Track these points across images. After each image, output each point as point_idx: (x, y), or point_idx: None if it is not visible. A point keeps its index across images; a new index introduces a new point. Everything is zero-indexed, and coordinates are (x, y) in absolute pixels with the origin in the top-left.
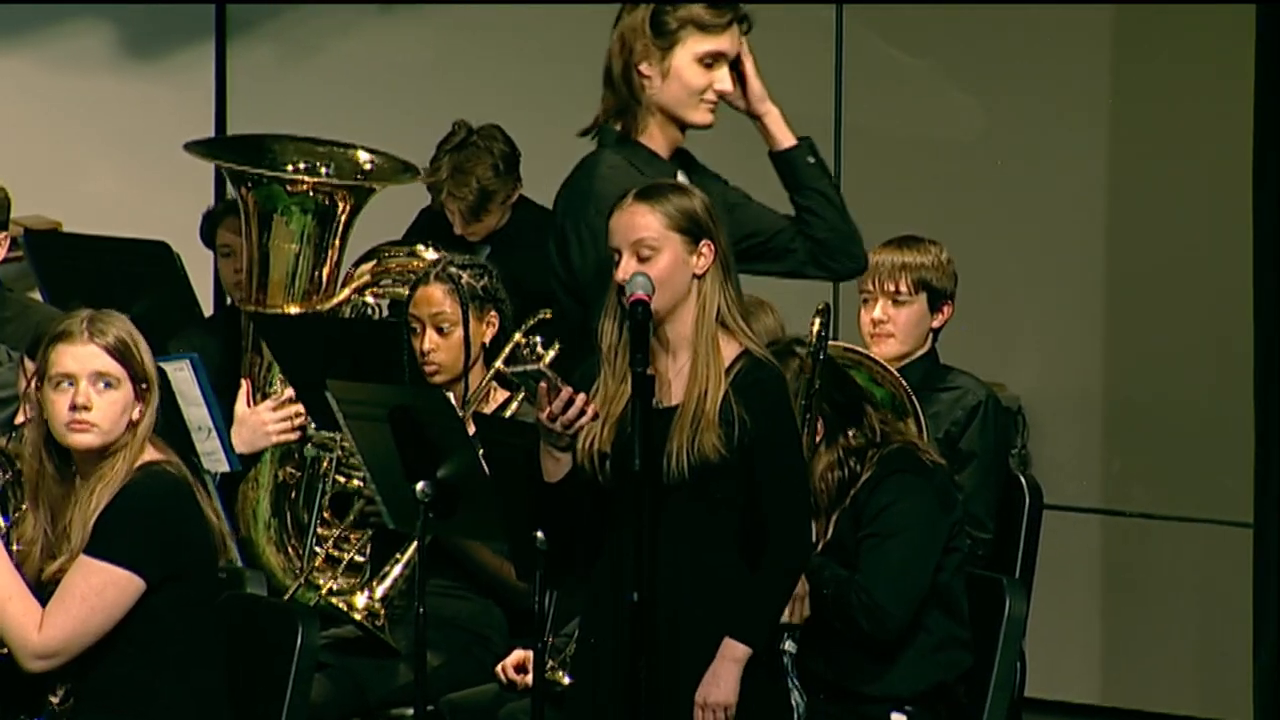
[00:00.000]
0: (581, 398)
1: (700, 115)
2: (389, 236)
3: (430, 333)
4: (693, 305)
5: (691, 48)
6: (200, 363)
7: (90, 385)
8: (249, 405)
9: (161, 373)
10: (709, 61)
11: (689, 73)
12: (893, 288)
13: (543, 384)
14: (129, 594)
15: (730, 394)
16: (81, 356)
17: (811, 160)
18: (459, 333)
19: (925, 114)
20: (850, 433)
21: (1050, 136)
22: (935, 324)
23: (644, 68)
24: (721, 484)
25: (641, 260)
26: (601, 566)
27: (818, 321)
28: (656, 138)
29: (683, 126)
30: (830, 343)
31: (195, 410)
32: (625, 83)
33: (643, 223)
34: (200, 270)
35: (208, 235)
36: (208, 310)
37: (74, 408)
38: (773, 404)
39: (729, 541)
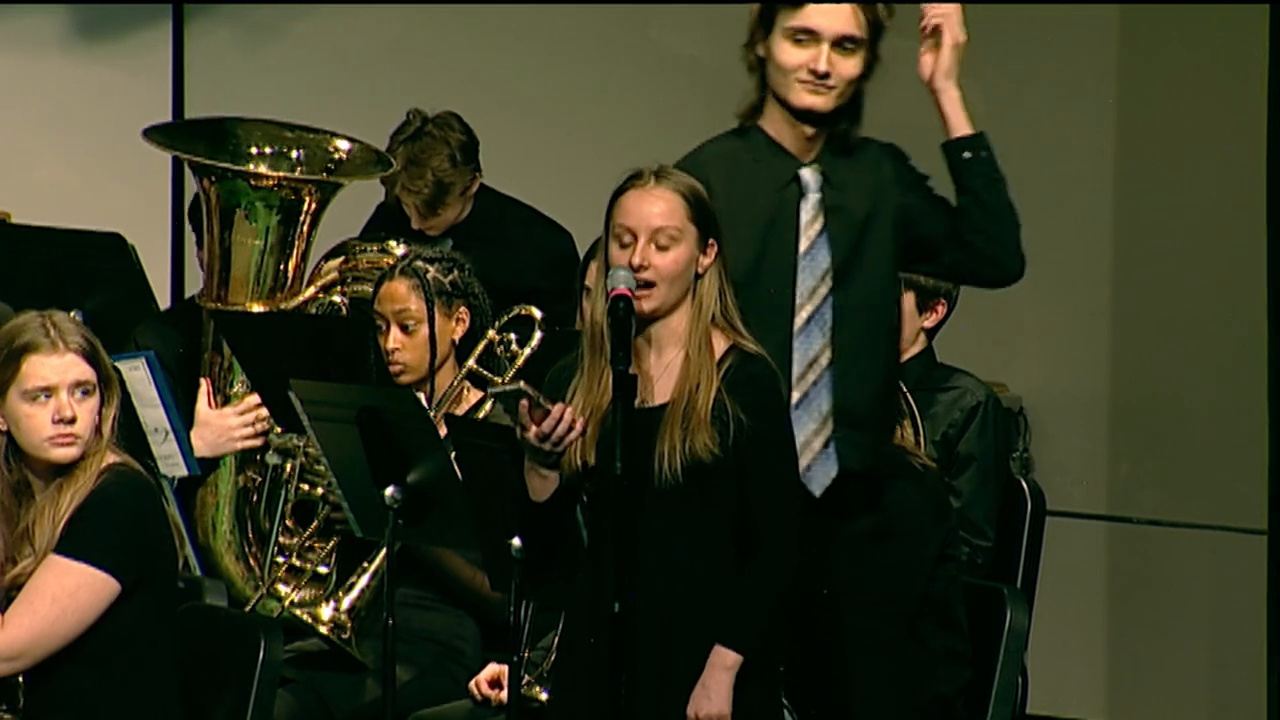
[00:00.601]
0: (569, 412)
1: (798, 96)
2: (347, 232)
3: (395, 331)
4: (688, 304)
5: (782, 23)
6: (157, 361)
7: (70, 396)
8: (211, 406)
9: (116, 371)
10: (800, 37)
11: (779, 49)
12: None
13: (524, 402)
14: (103, 597)
15: (723, 391)
16: (60, 367)
17: (968, 155)
18: (425, 331)
19: (918, 101)
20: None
21: (1053, 127)
22: (927, 323)
23: (759, 50)
24: (716, 486)
25: (659, 249)
26: (585, 575)
27: None
28: (780, 128)
29: (802, 116)
30: None
31: (151, 411)
32: (750, 68)
33: (669, 208)
34: (157, 263)
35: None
36: (164, 305)
37: (58, 420)
38: (765, 400)
39: (724, 547)
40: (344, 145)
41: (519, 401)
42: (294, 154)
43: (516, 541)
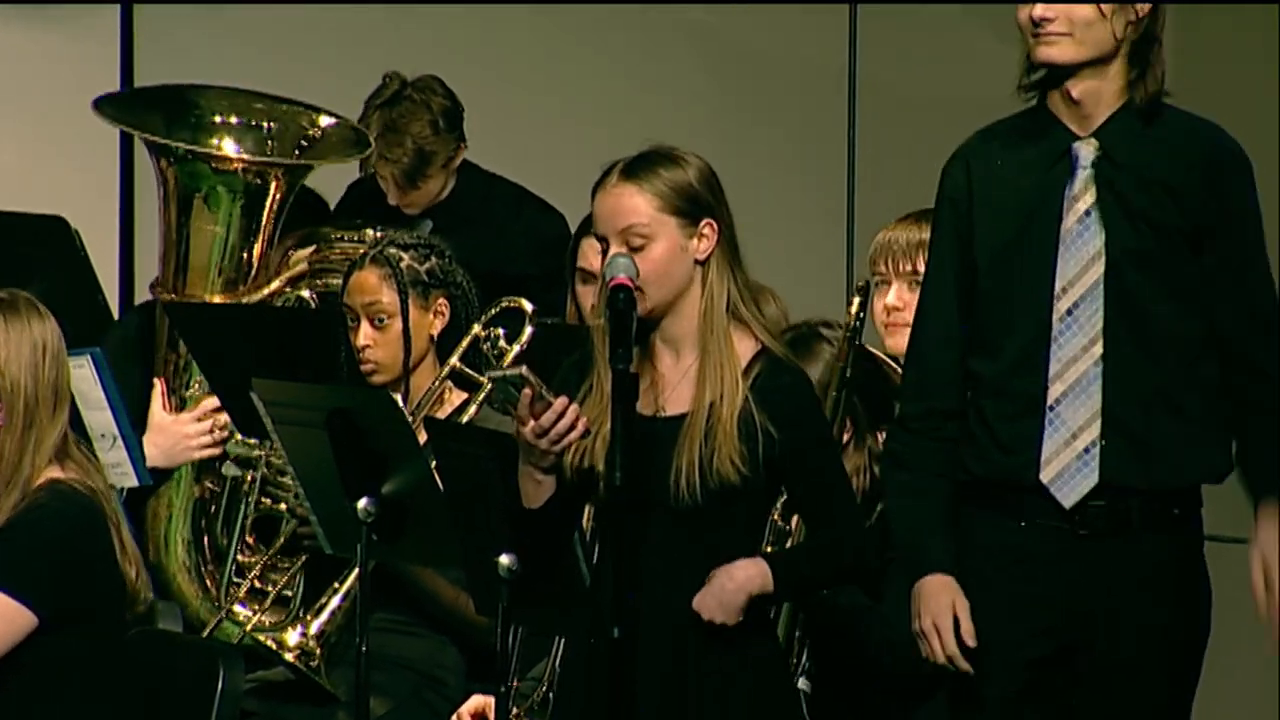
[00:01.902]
0: (574, 408)
1: (1033, 52)
2: (320, 214)
3: (365, 326)
4: (697, 296)
5: None
6: (104, 359)
7: None
8: (167, 410)
9: None
10: None
11: (1018, 8)
12: (909, 268)
13: (526, 391)
14: (16, 628)
15: (750, 401)
16: None
17: None
18: (398, 325)
19: (953, 66)
20: (881, 433)
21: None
22: None
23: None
24: (738, 509)
25: (633, 250)
26: (586, 605)
27: (856, 301)
28: (1055, 100)
29: (1052, 76)
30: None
31: (97, 415)
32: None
33: (629, 205)
34: (103, 249)
35: None
36: (112, 296)
37: None
38: (799, 410)
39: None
40: (322, 121)
41: (520, 389)
42: (263, 128)
43: (505, 559)
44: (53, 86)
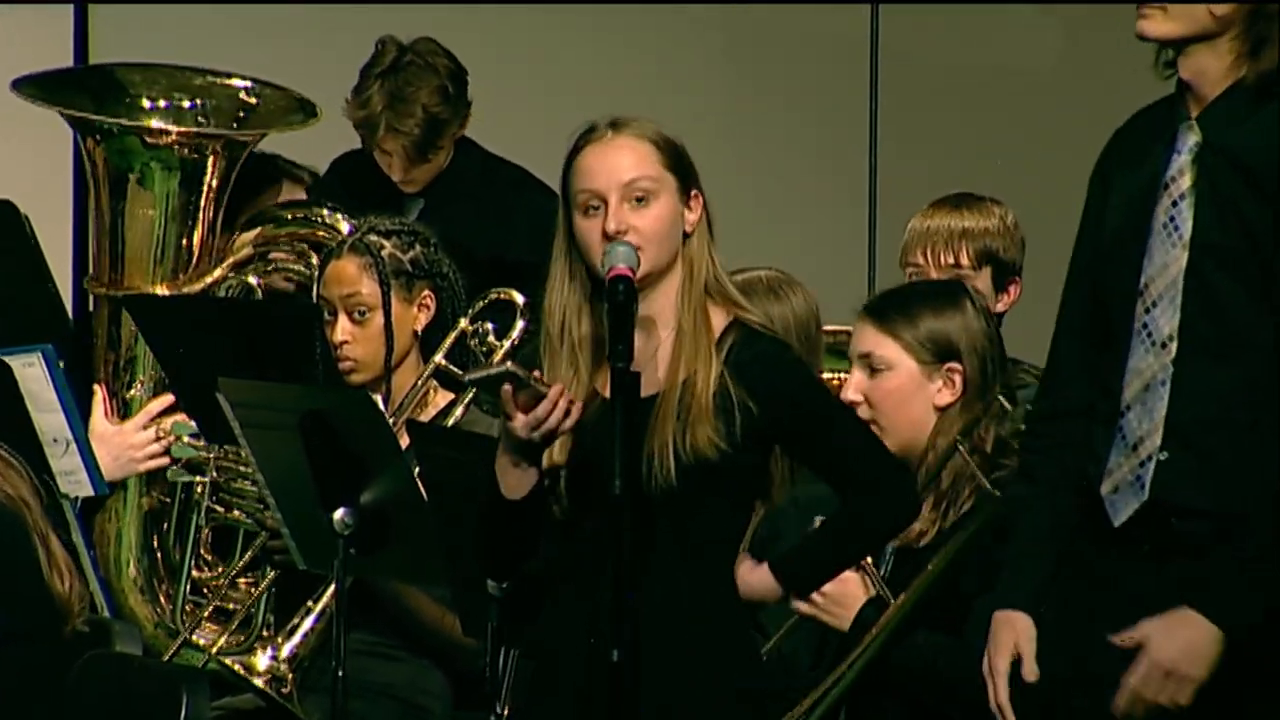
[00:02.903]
0: (566, 395)
1: (1136, 27)
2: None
3: (343, 320)
4: (678, 271)
5: None
6: (55, 356)
7: None
8: (109, 419)
9: (5, 369)
10: None
11: None
12: (950, 260)
13: (506, 387)
14: None
15: (726, 374)
16: None
17: None
18: (379, 319)
19: (985, 36)
20: (985, 424)
21: (1144, 68)
22: (1000, 306)
23: None
24: (715, 491)
25: (635, 206)
26: (556, 615)
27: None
28: (1180, 81)
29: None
30: (834, 328)
31: (49, 417)
32: None
33: (637, 155)
34: (56, 237)
35: None
36: (64, 288)
37: None
38: (785, 378)
39: (721, 571)
40: (258, 91)
41: (503, 385)
42: (198, 104)
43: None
44: (3, 63)
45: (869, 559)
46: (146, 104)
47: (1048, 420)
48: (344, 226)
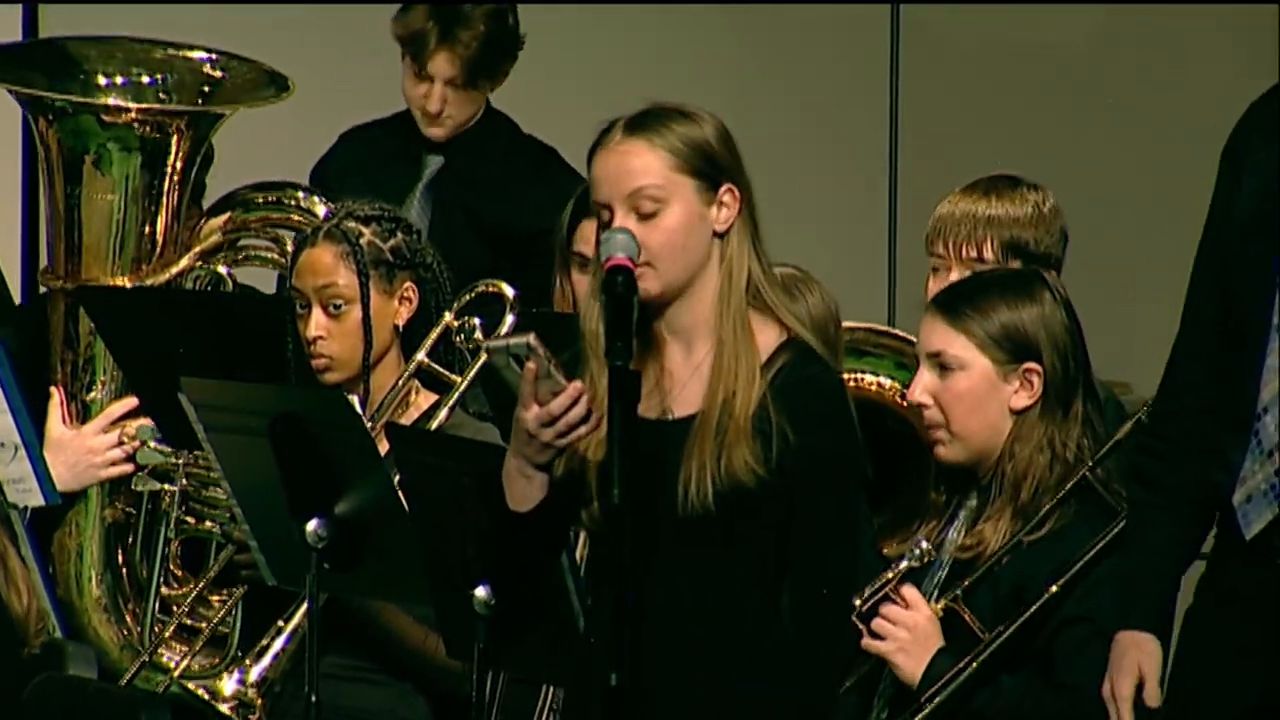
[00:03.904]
0: (588, 395)
1: None
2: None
3: (317, 313)
4: (713, 277)
5: None
6: (4, 353)
7: None
8: (67, 424)
9: None
10: None
11: None
12: (972, 252)
13: (531, 364)
14: None
15: (768, 397)
16: None
17: None
18: (356, 313)
19: (1014, 9)
20: (1068, 430)
21: (1190, 46)
22: None
23: None
24: (753, 520)
25: (643, 217)
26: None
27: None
28: None
29: None
30: (852, 325)
31: None
32: None
33: (640, 165)
34: (2, 225)
35: None
36: (13, 282)
37: None
38: (827, 413)
39: (759, 606)
40: (224, 64)
41: (524, 362)
42: (157, 80)
43: (481, 592)
44: None
45: (961, 600)
46: (102, 80)
47: (1169, 421)
48: (320, 210)
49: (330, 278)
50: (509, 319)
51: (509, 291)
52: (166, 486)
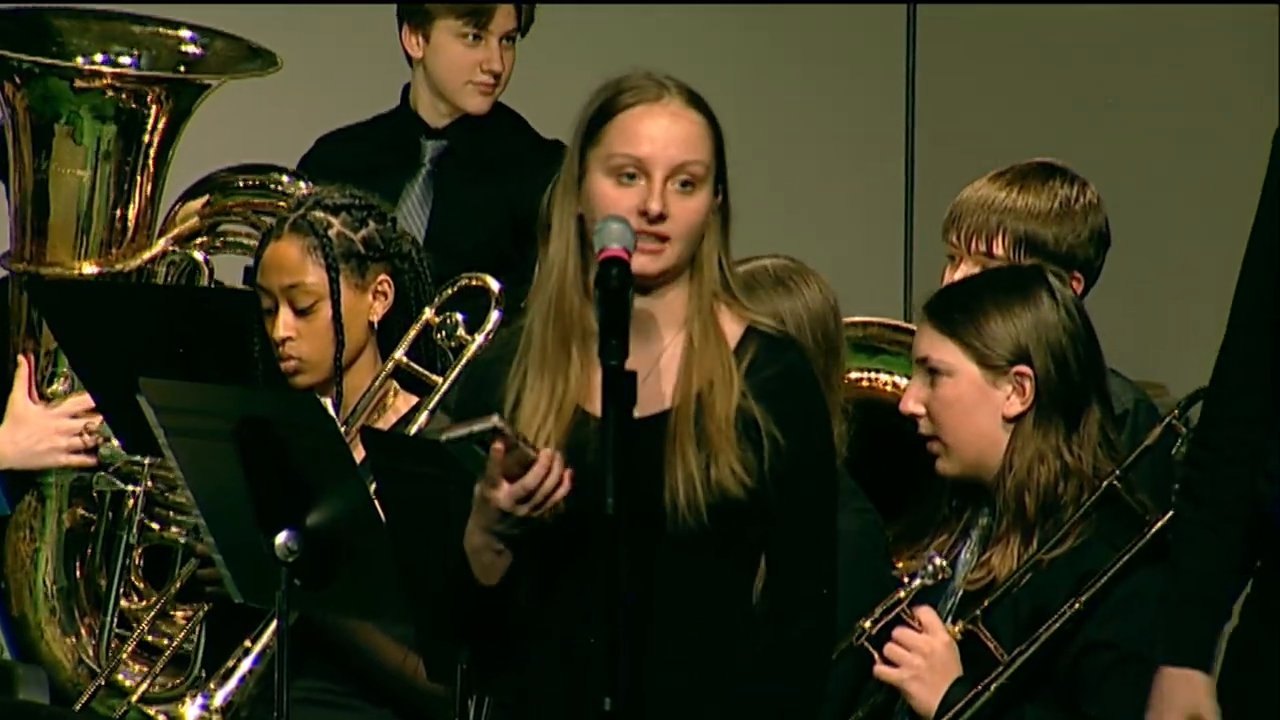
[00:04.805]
0: (559, 460)
1: None
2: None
3: (285, 312)
4: (686, 266)
5: None
6: None
7: None
8: (34, 399)
9: None
10: None
11: None
12: (982, 245)
13: (498, 445)
14: None
15: (748, 396)
16: None
17: None
18: (327, 311)
19: None
20: (1080, 440)
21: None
22: None
23: None
24: (746, 533)
25: (681, 191)
26: (550, 658)
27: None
28: None
29: None
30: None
31: None
32: None
33: (699, 136)
34: None
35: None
36: None
37: None
38: (804, 404)
39: (748, 620)
40: (206, 42)
41: (490, 445)
42: (137, 58)
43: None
44: None
45: (980, 622)
46: (80, 60)
47: (1217, 429)
48: (315, 190)
49: (297, 276)
50: (494, 315)
51: (494, 286)
52: (130, 488)
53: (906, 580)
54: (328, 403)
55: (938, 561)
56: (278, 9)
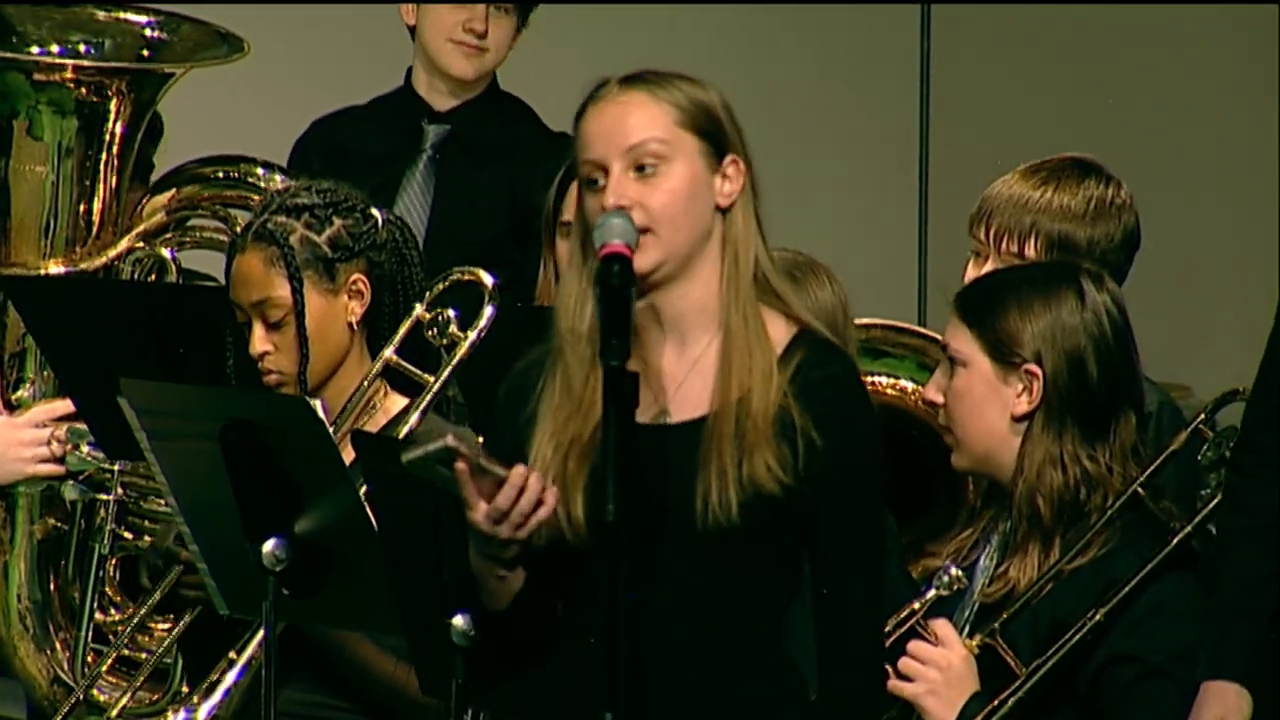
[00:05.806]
0: (535, 476)
1: None
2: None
3: (259, 328)
4: (714, 257)
5: None
6: None
7: None
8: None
9: None
10: None
11: None
12: (1014, 246)
13: (460, 465)
14: None
15: (789, 396)
16: None
17: None
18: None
19: None
20: (1103, 444)
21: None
22: None
23: None
24: (782, 534)
25: (643, 176)
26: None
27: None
28: None
29: None
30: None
31: None
32: None
33: (642, 117)
34: None
35: None
36: None
37: None
38: (849, 414)
39: (776, 616)
40: (172, 27)
41: (451, 466)
42: (95, 46)
43: (459, 621)
44: None
45: (998, 635)
46: (35, 50)
47: (1262, 433)
48: (281, 187)
49: (265, 291)
50: (487, 310)
51: (488, 280)
52: (101, 496)
53: (921, 591)
54: (318, 404)
55: (954, 572)
56: None
